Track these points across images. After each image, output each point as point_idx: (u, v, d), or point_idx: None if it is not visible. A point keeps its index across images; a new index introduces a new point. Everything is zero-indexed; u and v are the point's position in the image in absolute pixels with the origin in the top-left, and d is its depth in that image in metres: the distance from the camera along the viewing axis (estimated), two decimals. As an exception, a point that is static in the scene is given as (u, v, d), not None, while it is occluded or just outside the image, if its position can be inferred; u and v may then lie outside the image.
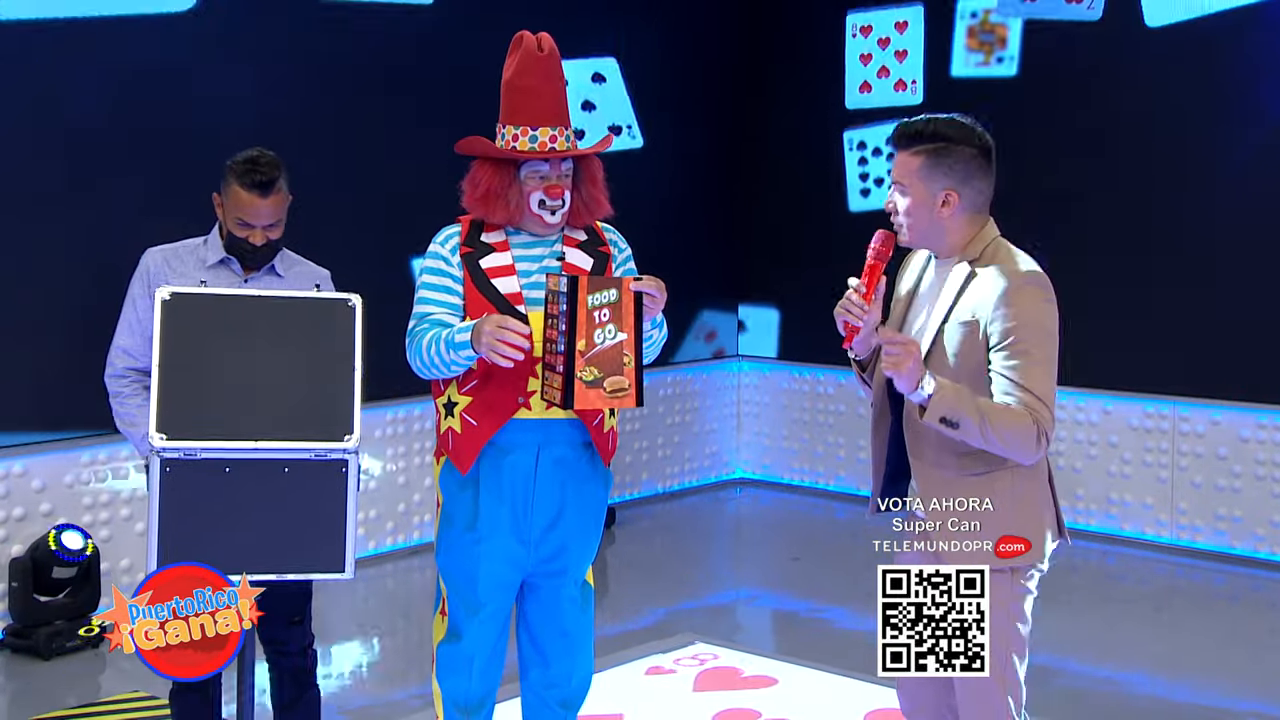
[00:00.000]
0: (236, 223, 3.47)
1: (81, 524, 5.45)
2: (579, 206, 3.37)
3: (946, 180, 2.96)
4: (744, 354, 8.41)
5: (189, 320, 2.99)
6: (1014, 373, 2.88)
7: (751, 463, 8.43)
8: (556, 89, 3.32)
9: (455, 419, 3.30)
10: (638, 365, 3.06)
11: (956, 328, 2.97)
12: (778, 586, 6.46)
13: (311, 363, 3.04)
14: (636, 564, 6.69)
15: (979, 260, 2.98)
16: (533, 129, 3.27)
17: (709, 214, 8.15)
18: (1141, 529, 6.86)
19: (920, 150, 2.97)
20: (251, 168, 3.44)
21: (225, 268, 3.56)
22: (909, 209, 3.00)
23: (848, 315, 3.01)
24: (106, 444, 5.54)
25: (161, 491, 2.90)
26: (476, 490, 3.31)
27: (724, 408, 8.38)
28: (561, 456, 3.33)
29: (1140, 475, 6.86)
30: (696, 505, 7.94)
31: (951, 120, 2.99)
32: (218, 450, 2.94)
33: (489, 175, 3.30)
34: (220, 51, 5.89)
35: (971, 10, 7.30)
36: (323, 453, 2.98)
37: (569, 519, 3.36)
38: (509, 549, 3.33)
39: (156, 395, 2.92)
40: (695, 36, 8.03)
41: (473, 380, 3.27)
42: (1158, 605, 6.08)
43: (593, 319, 3.01)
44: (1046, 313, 2.94)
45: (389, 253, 6.38)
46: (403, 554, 6.60)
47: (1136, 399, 6.85)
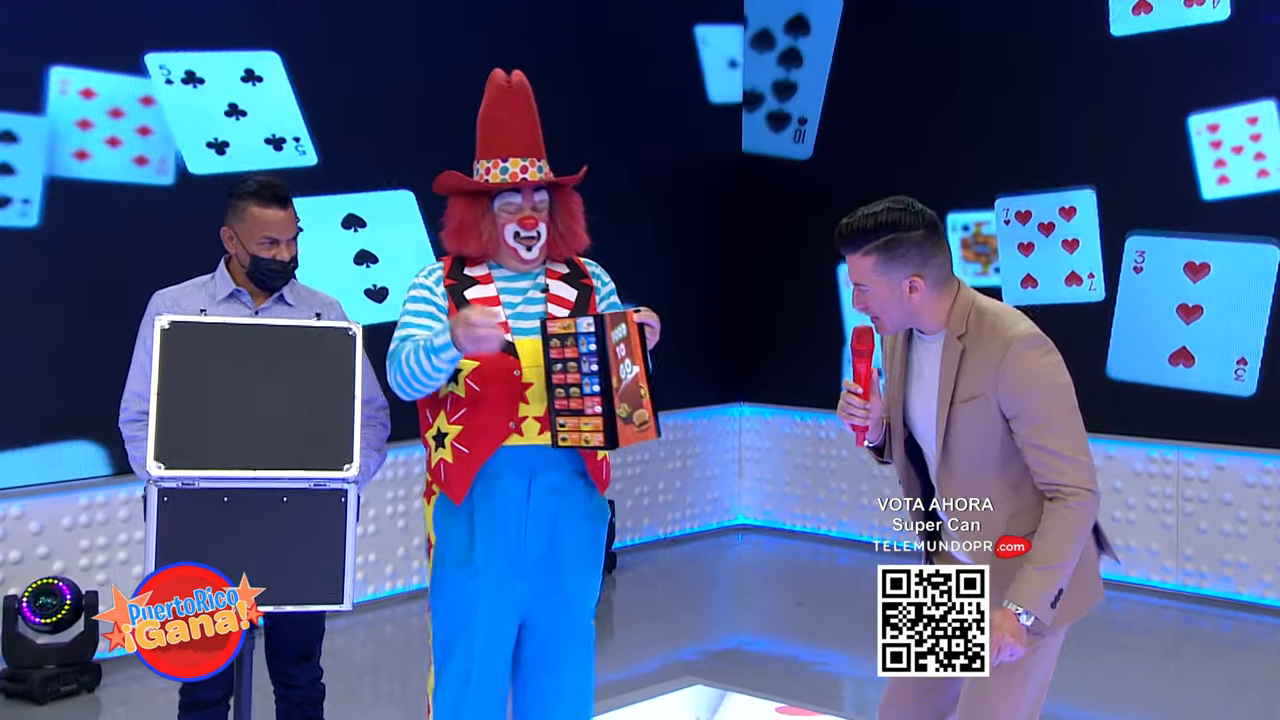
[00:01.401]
0: (261, 243, 3.51)
1: (78, 567, 5.43)
2: (555, 239, 3.36)
3: (905, 268, 2.91)
4: (747, 399, 8.41)
5: (187, 349, 2.99)
6: (1040, 438, 2.87)
7: (753, 508, 8.40)
8: (526, 121, 3.34)
9: (446, 449, 3.28)
10: (652, 397, 3.08)
11: (965, 408, 2.94)
12: (780, 632, 6.41)
13: (311, 391, 3.03)
14: (638, 609, 6.64)
15: (966, 334, 2.95)
16: (503, 161, 3.29)
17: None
18: (1147, 575, 6.81)
19: (870, 249, 2.91)
20: (266, 185, 3.51)
21: (236, 301, 3.58)
22: (879, 305, 2.96)
23: (852, 417, 3.03)
24: (105, 487, 5.53)
25: (159, 521, 2.88)
26: (470, 521, 3.26)
27: (726, 453, 8.36)
28: (555, 484, 3.29)
29: (1145, 521, 6.83)
30: (698, 551, 7.90)
31: (889, 209, 2.93)
32: (216, 479, 2.92)
33: (462, 209, 3.33)
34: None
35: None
36: (322, 482, 2.97)
37: (563, 549, 3.31)
38: (505, 583, 3.26)
39: (155, 424, 2.91)
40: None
41: (461, 409, 3.24)
42: (1164, 652, 6.03)
43: (616, 354, 3.02)
44: (1050, 368, 2.92)
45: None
46: (401, 599, 6.56)
47: (1140, 444, 6.83)
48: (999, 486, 2.95)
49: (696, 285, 8.10)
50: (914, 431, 3.09)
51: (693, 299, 8.00)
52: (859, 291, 2.97)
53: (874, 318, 2.99)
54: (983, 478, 2.96)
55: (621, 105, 7.58)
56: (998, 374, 2.89)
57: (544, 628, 3.34)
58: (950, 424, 2.95)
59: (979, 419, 2.93)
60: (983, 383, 2.91)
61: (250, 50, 6.03)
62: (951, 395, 2.95)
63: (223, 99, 5.94)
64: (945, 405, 2.96)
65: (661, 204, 7.84)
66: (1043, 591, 2.83)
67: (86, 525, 5.53)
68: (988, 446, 2.94)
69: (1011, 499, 2.95)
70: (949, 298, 2.97)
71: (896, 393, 3.10)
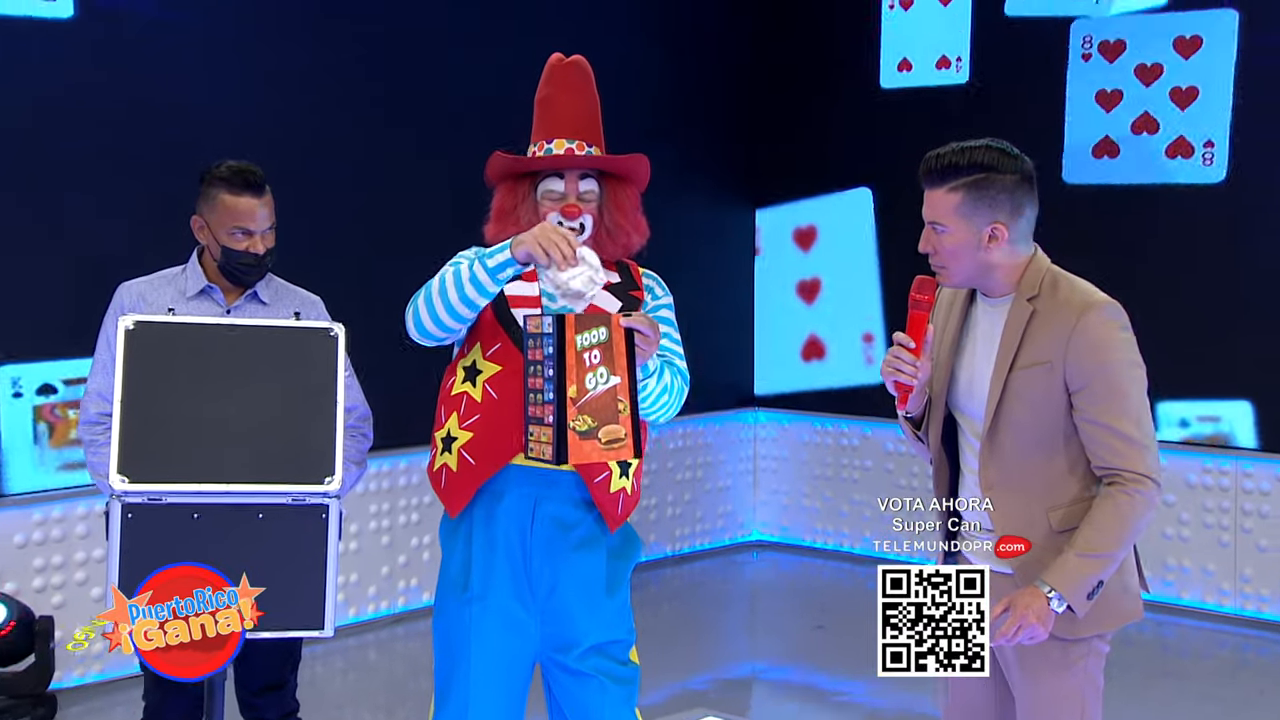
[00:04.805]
0: (233, 234, 3.51)
1: (31, 589, 5.43)
2: (603, 235, 3.28)
3: (992, 213, 2.92)
4: (761, 402, 8.41)
5: (155, 351, 2.97)
6: (1107, 416, 2.87)
7: (769, 523, 8.40)
8: (579, 101, 3.29)
9: (452, 455, 3.23)
10: (634, 412, 2.94)
11: (1027, 374, 2.93)
12: (799, 659, 6.41)
13: (289, 398, 3.01)
14: (644, 634, 6.55)
15: (1038, 297, 2.95)
16: (548, 142, 3.26)
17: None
18: (1201, 598, 6.81)
19: (958, 185, 2.92)
20: (239, 170, 3.50)
21: (208, 297, 3.59)
22: (952, 250, 2.95)
23: (898, 375, 2.99)
24: (60, 500, 5.53)
25: (123, 539, 2.86)
26: (469, 543, 3.23)
27: (739, 462, 8.36)
28: (558, 515, 3.22)
29: (1200, 538, 6.82)
30: (709, 570, 7.90)
31: (988, 147, 2.94)
32: (185, 494, 2.91)
33: (504, 193, 3.29)
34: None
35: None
36: (301, 496, 2.96)
37: (565, 588, 3.23)
38: (507, 612, 3.20)
39: (118, 433, 2.90)
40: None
41: (475, 414, 3.19)
42: (1221, 682, 6.03)
43: (583, 361, 2.90)
44: (1129, 344, 2.92)
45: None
46: (386, 622, 6.56)
47: (1195, 454, 6.82)
48: (1043, 475, 2.94)
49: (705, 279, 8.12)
50: (957, 407, 3.08)
51: (702, 293, 8.00)
52: (931, 231, 2.96)
53: (939, 267, 2.99)
54: (1029, 461, 2.95)
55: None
56: (1069, 340, 2.88)
57: (569, 675, 3.25)
58: (1006, 391, 2.94)
59: (1039, 388, 2.92)
60: (1051, 349, 2.90)
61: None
62: (1013, 360, 2.94)
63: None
64: (1004, 371, 2.95)
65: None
66: (1082, 578, 2.83)
67: (41, 543, 5.53)
68: (1041, 423, 2.93)
69: (1051, 493, 2.95)
70: (1025, 259, 2.98)
71: (945, 360, 3.08)
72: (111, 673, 5.58)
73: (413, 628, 6.48)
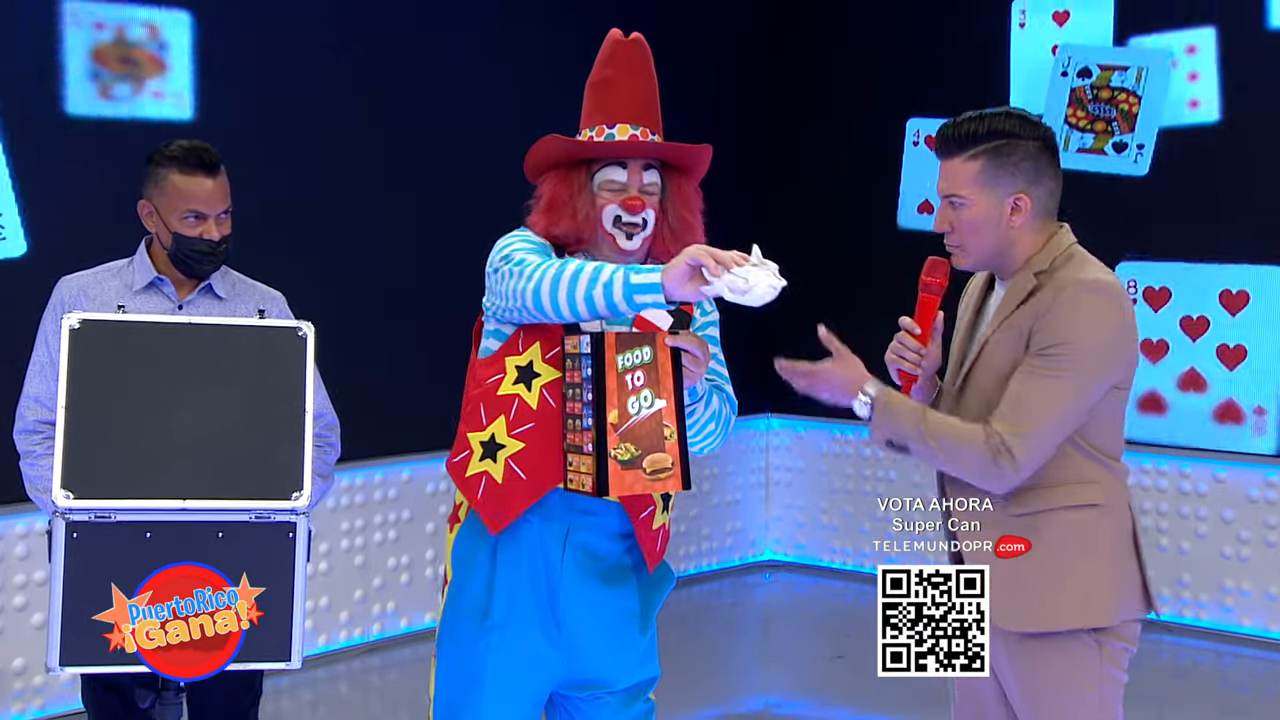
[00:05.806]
0: (185, 219, 3.51)
1: (-34, 613, 5.43)
2: (666, 233, 3.24)
3: (1014, 183, 2.97)
4: (773, 408, 8.41)
5: (102, 353, 2.97)
6: (1024, 383, 2.91)
7: (783, 542, 8.42)
8: (641, 84, 3.24)
9: (498, 465, 3.15)
10: (681, 439, 2.93)
11: (1003, 338, 2.98)
12: (816, 691, 6.42)
13: (252, 404, 3.01)
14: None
15: (1047, 271, 2.99)
16: (609, 127, 3.21)
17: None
18: (1264, 625, 6.80)
19: (978, 153, 2.97)
20: (191, 149, 3.50)
21: (157, 291, 3.58)
22: (971, 225, 3.00)
23: (901, 362, 3.05)
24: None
25: (67, 561, 2.86)
26: (493, 564, 3.19)
27: (750, 475, 8.38)
28: (592, 546, 3.20)
29: (1261, 559, 6.81)
30: (717, 593, 7.92)
31: (1007, 114, 3.00)
32: (136, 511, 2.90)
33: (555, 182, 3.22)
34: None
35: None
36: (265, 513, 2.96)
37: (595, 624, 3.21)
38: (529, 642, 3.18)
39: (62, 444, 2.90)
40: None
41: (528, 423, 3.13)
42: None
43: (624, 384, 2.89)
44: (1104, 325, 2.93)
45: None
46: (359, 651, 6.55)
47: (1256, 465, 6.81)
48: None
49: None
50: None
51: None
52: (948, 205, 3.01)
53: (955, 246, 3.03)
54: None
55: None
56: (1048, 311, 2.93)
57: (588, 706, 3.26)
58: (982, 352, 3.01)
59: (1008, 354, 2.98)
60: (1034, 315, 2.95)
61: None
62: (1000, 325, 3.00)
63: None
64: (990, 333, 3.01)
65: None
66: (898, 417, 2.95)
67: (-24, 563, 5.53)
68: (1002, 391, 2.96)
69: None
70: (1047, 234, 3.02)
71: (961, 340, 3.14)
72: (53, 709, 5.56)
73: (389, 657, 6.48)
